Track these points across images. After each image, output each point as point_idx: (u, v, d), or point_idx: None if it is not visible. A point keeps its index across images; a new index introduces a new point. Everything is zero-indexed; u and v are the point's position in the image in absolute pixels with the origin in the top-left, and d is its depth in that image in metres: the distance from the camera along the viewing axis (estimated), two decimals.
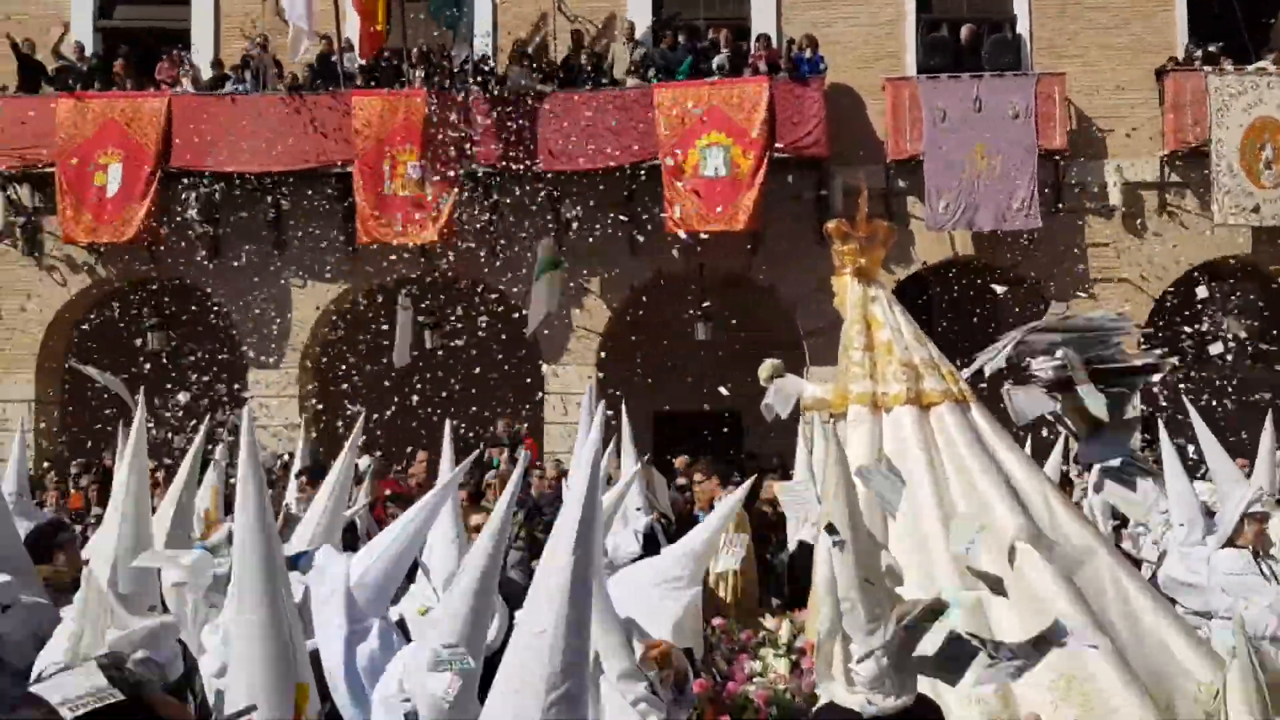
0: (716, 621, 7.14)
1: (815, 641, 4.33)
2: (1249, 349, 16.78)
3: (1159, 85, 16.62)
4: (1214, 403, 14.63)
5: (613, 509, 6.85)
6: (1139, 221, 16.76)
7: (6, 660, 4.58)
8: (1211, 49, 16.42)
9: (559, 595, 2.88)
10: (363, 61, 16.75)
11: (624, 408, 9.40)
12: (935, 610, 3.83)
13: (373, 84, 16.62)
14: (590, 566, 2.99)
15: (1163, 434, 7.83)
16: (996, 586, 4.66)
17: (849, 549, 3.89)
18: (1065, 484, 10.35)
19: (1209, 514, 7.25)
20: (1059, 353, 6.06)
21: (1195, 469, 9.47)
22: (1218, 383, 17.17)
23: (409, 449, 14.02)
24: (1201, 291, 15.60)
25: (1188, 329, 16.15)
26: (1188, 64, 16.45)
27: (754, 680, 5.66)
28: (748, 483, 5.45)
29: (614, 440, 9.56)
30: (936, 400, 5.80)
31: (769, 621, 6.31)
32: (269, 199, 16.82)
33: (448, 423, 6.78)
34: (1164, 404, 12.79)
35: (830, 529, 3.92)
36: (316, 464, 10.09)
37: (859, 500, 5.78)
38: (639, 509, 7.97)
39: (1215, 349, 14.68)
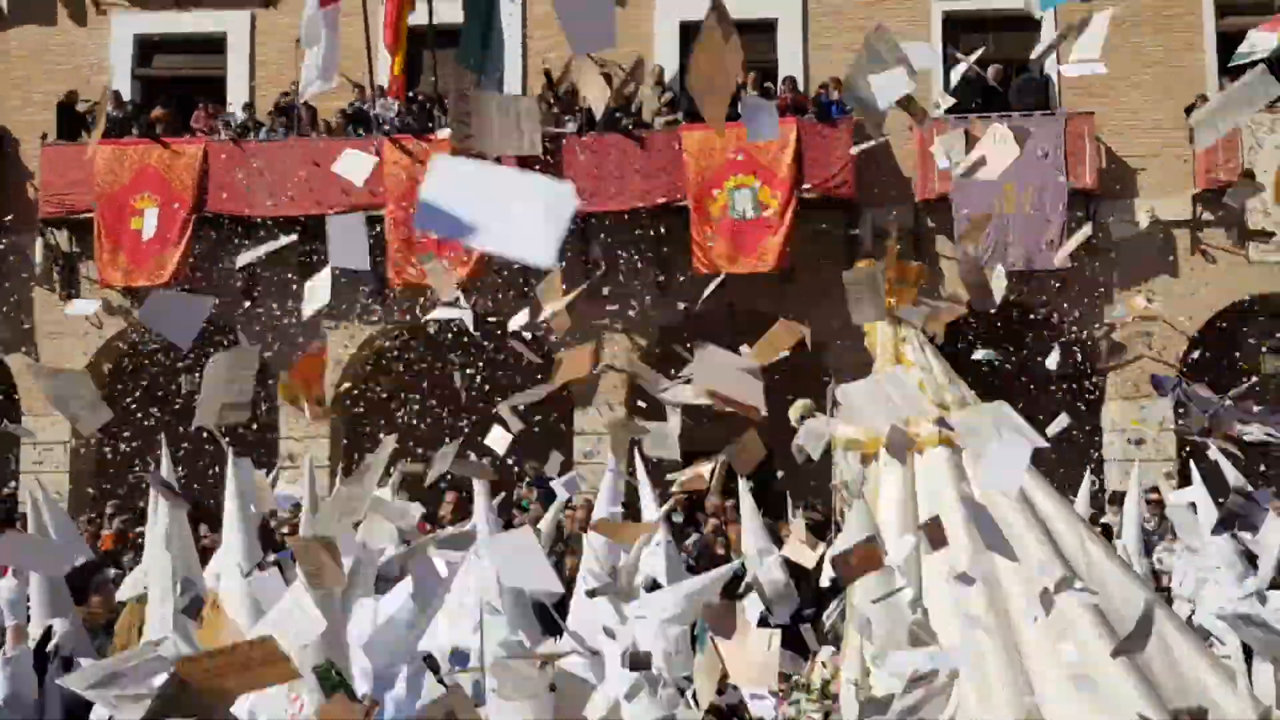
0: None
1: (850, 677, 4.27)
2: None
3: (1189, 123, 16.55)
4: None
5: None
6: (1171, 259, 16.65)
7: None
8: None
9: None
10: (394, 101, 16.93)
11: (639, 453, 9.37)
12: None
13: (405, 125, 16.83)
14: None
15: (1195, 476, 7.76)
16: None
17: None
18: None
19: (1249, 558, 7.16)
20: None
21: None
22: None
23: (441, 487, 14.03)
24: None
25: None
26: None
27: None
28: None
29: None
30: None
31: (802, 666, 6.25)
32: (301, 242, 17.00)
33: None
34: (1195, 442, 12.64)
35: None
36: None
37: (893, 540, 5.76)
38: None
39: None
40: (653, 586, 7.67)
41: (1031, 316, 17.48)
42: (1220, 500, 8.06)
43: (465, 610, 5.60)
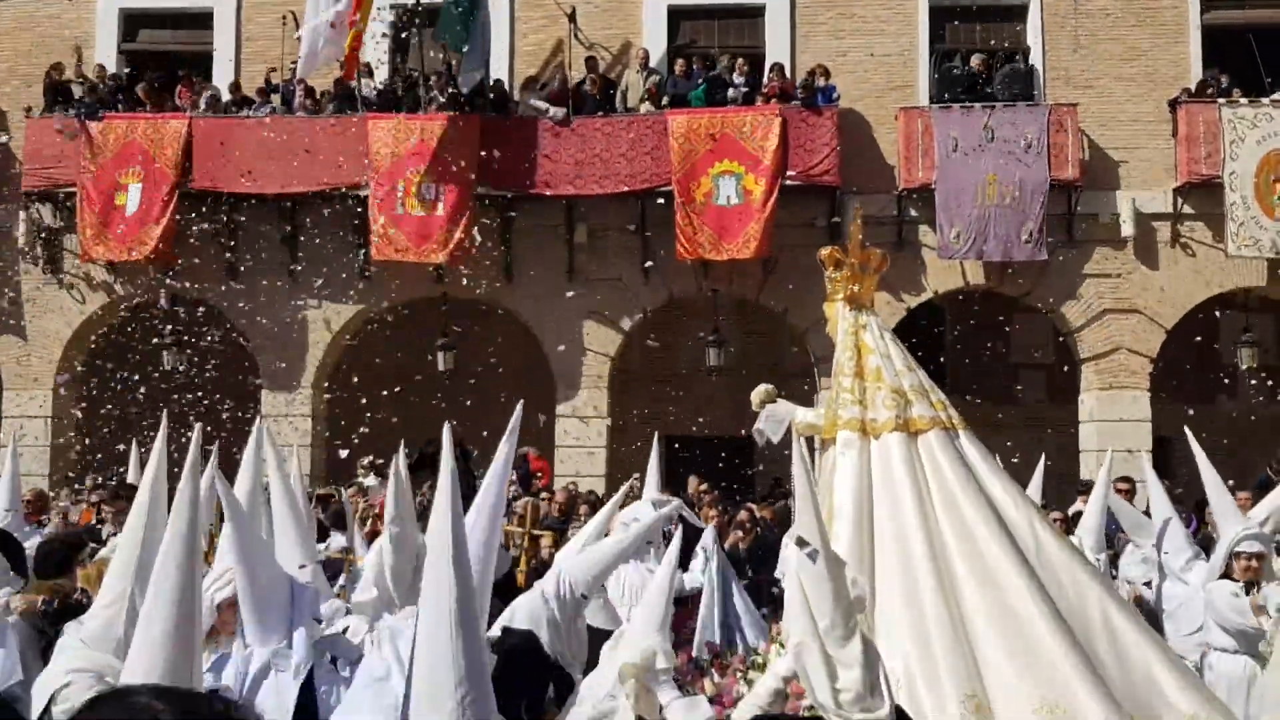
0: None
1: (790, 651, 4.36)
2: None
3: (1172, 116, 16.64)
4: (1223, 440, 14.53)
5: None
6: (1152, 253, 16.74)
7: None
8: (1225, 81, 16.43)
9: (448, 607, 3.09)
10: (353, 83, 16.86)
11: (656, 438, 9.46)
12: None
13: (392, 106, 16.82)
14: (469, 582, 3.25)
15: (1146, 464, 7.90)
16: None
17: (820, 560, 3.95)
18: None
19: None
20: None
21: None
22: (1233, 415, 17.11)
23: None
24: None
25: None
26: (1201, 95, 16.47)
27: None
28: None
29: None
30: (925, 427, 5.84)
31: (759, 646, 6.35)
32: (285, 220, 17.03)
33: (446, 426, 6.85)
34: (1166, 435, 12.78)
35: (801, 541, 3.98)
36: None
37: (849, 524, 5.85)
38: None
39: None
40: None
41: (1011, 305, 17.59)
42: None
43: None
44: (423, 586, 3.52)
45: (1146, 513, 8.80)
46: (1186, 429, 8.22)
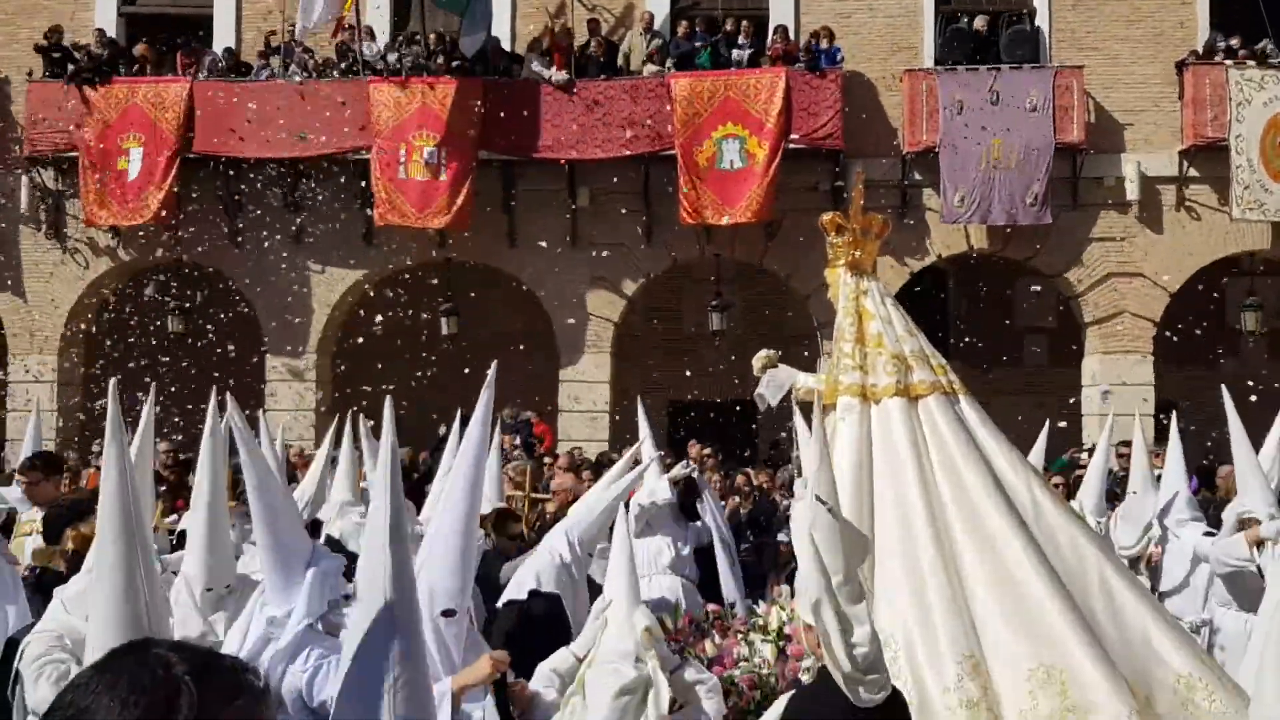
0: (711, 607, 7.26)
1: (803, 623, 4.39)
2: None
3: (1179, 79, 16.52)
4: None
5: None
6: (1156, 216, 16.68)
7: None
8: (1232, 43, 16.30)
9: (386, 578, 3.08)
10: (343, 40, 16.77)
11: (640, 402, 9.51)
12: None
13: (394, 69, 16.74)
14: (406, 552, 3.26)
15: (1174, 426, 7.95)
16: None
17: (837, 517, 4.01)
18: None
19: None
20: None
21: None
22: (1236, 378, 17.09)
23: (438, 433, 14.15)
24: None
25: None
26: (1208, 57, 16.34)
27: (740, 664, 5.75)
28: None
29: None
30: (925, 392, 5.85)
31: (759, 607, 6.40)
32: (288, 185, 17.00)
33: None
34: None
35: (819, 499, 4.03)
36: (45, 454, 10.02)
37: (848, 489, 5.88)
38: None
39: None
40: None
41: (1015, 268, 17.56)
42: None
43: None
44: (359, 569, 3.46)
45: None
46: (1224, 390, 8.17)
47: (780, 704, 4.35)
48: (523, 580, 6.22)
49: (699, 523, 8.75)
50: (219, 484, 5.03)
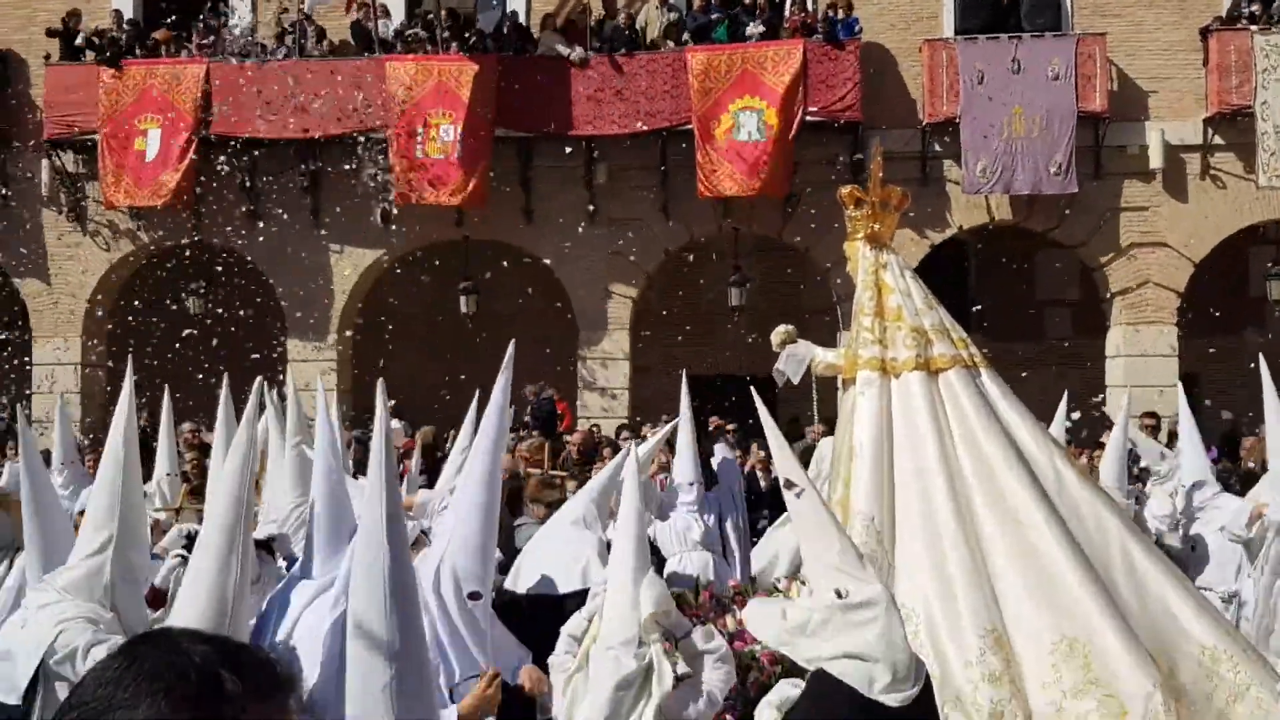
0: (731, 582, 7.25)
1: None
2: None
3: (1203, 45, 16.28)
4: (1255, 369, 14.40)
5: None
6: (1180, 185, 16.48)
7: None
8: (1255, 8, 16.04)
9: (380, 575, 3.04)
10: (358, 18, 16.75)
11: (684, 377, 9.46)
12: None
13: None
14: (403, 547, 3.20)
15: (1181, 397, 7.86)
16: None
17: (808, 496, 3.91)
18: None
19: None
20: None
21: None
22: (1261, 346, 16.91)
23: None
24: None
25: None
26: (1232, 23, 16.09)
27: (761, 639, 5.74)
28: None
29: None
30: (945, 366, 5.81)
31: (782, 584, 6.39)
32: (305, 164, 17.01)
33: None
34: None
35: (788, 483, 3.95)
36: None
37: (868, 464, 5.85)
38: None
39: None
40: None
41: (1037, 239, 17.40)
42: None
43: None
44: (355, 561, 3.42)
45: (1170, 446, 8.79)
46: (1262, 358, 8.07)
47: (787, 688, 4.28)
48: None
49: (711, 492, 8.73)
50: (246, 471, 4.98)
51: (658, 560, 7.54)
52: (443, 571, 4.53)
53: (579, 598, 5.41)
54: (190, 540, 5.66)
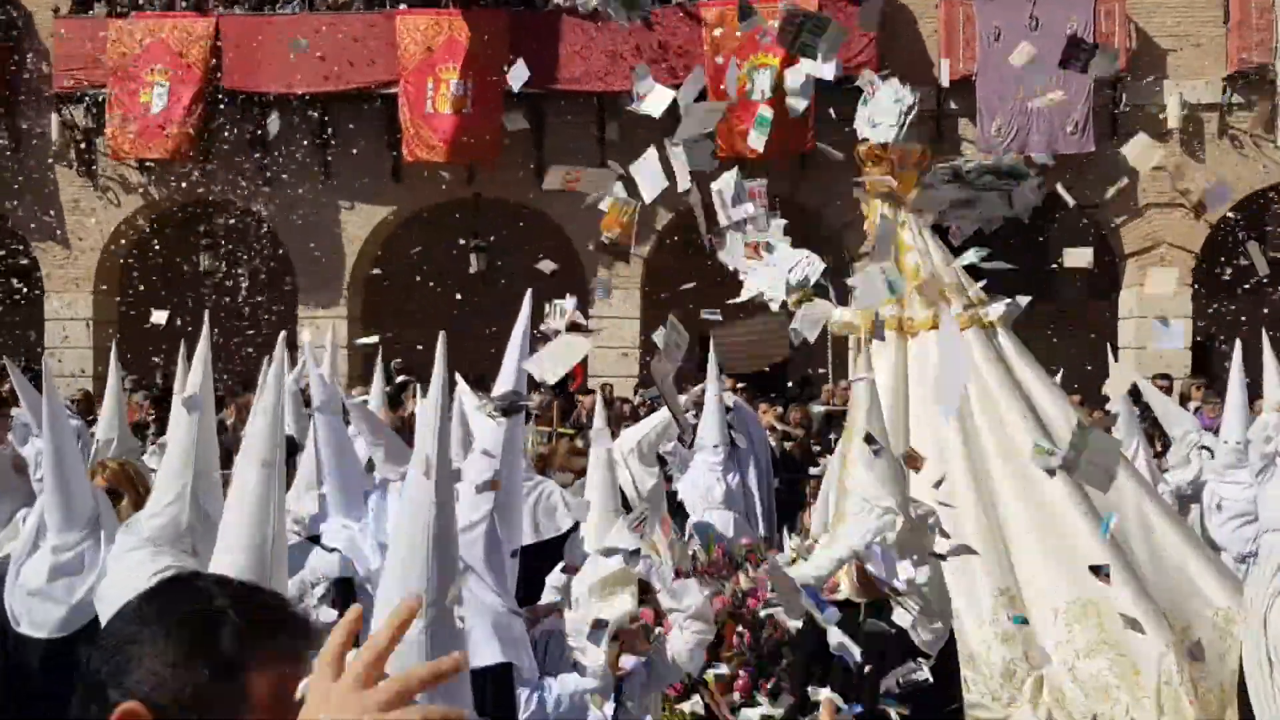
0: (744, 541, 7.27)
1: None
2: None
3: (1224, 2, 16.04)
4: (1272, 332, 14.32)
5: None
6: (1199, 144, 16.31)
7: None
8: None
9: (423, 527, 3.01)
10: None
11: (712, 338, 9.42)
12: None
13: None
14: (450, 497, 3.16)
15: (1236, 357, 7.80)
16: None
17: (885, 455, 4.04)
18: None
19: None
20: None
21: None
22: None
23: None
24: None
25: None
26: None
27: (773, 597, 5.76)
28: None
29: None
30: (963, 325, 5.78)
31: (792, 542, 6.41)
32: (315, 120, 16.91)
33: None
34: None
35: (869, 439, 4.03)
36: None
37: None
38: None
39: None
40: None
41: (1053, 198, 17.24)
42: None
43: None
44: (400, 505, 3.41)
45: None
46: (1264, 337, 7.99)
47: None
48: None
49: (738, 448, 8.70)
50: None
51: (681, 519, 7.58)
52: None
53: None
54: None
